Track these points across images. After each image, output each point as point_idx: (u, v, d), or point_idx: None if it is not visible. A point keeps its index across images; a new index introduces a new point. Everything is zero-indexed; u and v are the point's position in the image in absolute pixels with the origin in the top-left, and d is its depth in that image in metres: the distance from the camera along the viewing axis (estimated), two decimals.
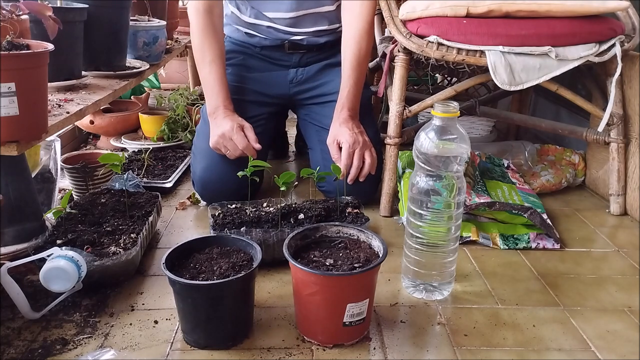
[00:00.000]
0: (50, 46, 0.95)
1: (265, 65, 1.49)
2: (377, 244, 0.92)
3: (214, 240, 0.96)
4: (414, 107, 1.34)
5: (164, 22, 1.75)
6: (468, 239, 1.22)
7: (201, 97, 1.70)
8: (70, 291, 0.94)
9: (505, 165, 1.57)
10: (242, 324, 0.89)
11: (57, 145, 1.30)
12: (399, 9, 1.33)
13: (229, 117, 1.30)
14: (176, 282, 0.82)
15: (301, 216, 1.14)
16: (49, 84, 1.00)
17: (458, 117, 0.94)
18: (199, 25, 1.34)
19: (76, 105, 1.17)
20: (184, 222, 1.32)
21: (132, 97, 2.04)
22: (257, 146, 1.28)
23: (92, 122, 1.78)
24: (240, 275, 0.84)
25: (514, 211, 1.22)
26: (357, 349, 0.87)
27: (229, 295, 0.84)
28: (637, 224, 1.35)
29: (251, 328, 0.91)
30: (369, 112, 1.46)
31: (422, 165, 0.96)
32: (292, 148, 1.91)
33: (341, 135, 1.29)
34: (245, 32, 1.47)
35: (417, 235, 0.99)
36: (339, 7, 1.41)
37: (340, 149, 1.30)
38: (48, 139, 1.20)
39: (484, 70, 1.25)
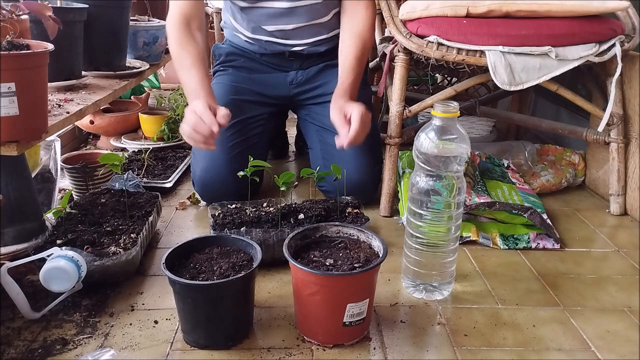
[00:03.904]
0: (50, 46, 0.95)
1: (265, 68, 1.49)
2: (377, 244, 0.92)
3: (214, 240, 0.96)
4: (414, 107, 1.34)
5: (164, 22, 1.74)
6: (468, 239, 1.21)
7: None
8: (70, 291, 0.94)
9: (505, 165, 1.57)
10: (242, 324, 0.89)
11: (57, 145, 1.30)
12: (399, 9, 1.33)
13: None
14: (176, 282, 0.82)
15: (301, 216, 1.14)
16: (49, 84, 1.00)
17: (458, 117, 0.94)
18: (175, 36, 1.29)
19: (76, 105, 1.17)
20: (184, 222, 1.32)
21: (132, 97, 2.04)
22: (225, 112, 1.11)
23: (92, 122, 1.78)
24: (240, 275, 0.84)
25: (514, 211, 1.22)
26: (357, 349, 0.87)
27: (229, 295, 0.84)
28: (637, 224, 1.35)
29: (251, 328, 0.91)
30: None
31: (422, 165, 0.96)
32: (292, 148, 1.90)
33: (349, 107, 1.20)
34: (245, 40, 1.47)
35: (417, 235, 0.99)
36: (336, 14, 1.41)
37: (348, 120, 1.18)
38: (48, 139, 1.20)
39: (484, 70, 1.25)
